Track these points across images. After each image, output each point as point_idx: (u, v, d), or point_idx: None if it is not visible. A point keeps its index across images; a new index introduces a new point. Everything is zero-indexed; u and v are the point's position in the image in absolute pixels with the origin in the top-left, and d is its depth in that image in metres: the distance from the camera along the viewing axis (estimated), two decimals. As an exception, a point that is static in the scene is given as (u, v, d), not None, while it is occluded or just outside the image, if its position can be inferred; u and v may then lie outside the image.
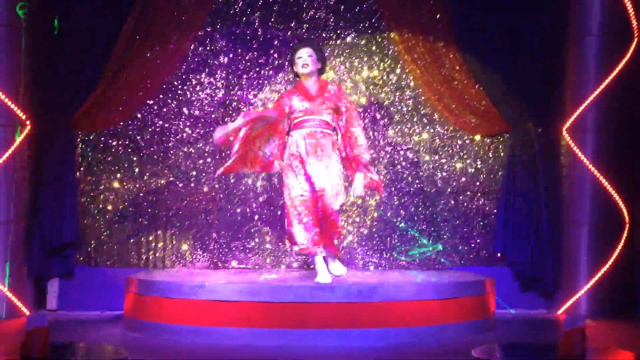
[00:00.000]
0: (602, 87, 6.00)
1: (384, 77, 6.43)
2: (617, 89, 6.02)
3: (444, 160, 6.43)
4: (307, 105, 5.28)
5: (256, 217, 6.31)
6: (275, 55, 6.36)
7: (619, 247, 6.02)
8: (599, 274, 5.99)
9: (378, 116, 6.43)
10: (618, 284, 6.05)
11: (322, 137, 5.27)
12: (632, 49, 6.02)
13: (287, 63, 6.32)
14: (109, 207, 6.19)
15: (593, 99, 6.02)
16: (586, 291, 6.01)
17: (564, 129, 6.13)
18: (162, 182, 6.25)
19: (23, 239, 5.76)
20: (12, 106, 5.64)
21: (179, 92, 6.29)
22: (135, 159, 6.23)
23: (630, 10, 6.01)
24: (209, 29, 6.29)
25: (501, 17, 6.10)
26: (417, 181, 6.42)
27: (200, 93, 6.32)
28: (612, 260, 6.01)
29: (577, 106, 6.07)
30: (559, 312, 6.08)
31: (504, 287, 6.09)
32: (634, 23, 6.02)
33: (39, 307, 5.94)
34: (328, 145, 5.27)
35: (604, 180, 6.02)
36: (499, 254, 6.28)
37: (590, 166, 6.04)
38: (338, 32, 6.38)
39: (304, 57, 5.33)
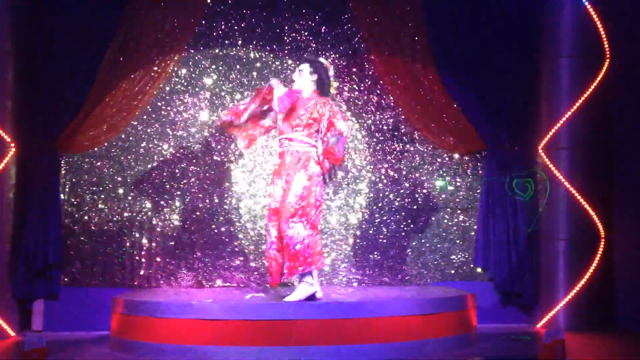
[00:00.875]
0: (576, 106, 6.17)
1: (365, 98, 6.56)
2: (590, 107, 6.18)
3: (424, 178, 6.56)
4: (279, 124, 5.40)
5: (240, 235, 6.38)
6: (258, 76, 6.46)
7: (596, 261, 6.15)
8: (577, 288, 6.11)
9: (359, 135, 6.54)
10: (595, 297, 6.17)
11: (289, 155, 5.28)
12: (604, 69, 6.21)
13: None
14: (94, 228, 6.22)
15: (567, 118, 6.18)
16: (564, 305, 6.13)
17: (539, 147, 6.28)
18: (147, 202, 6.30)
19: (8, 260, 5.77)
20: (-3, 128, 5.67)
21: (163, 112, 6.37)
22: (119, 179, 6.28)
23: (602, 32, 6.20)
24: (192, 51, 6.39)
25: (477, 39, 6.27)
26: (398, 198, 6.53)
27: (184, 114, 6.40)
28: (589, 274, 6.13)
29: (552, 125, 6.23)
30: (539, 325, 6.19)
31: (485, 302, 6.20)
32: (606, 44, 6.21)
33: (24, 328, 5.93)
34: (293, 162, 5.26)
35: (578, 196, 6.17)
36: (479, 269, 6.40)
37: (565, 182, 6.19)
38: (319, 53, 6.49)
39: (295, 72, 5.48)
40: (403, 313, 5.10)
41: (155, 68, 6.12)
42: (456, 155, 6.57)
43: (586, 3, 6.17)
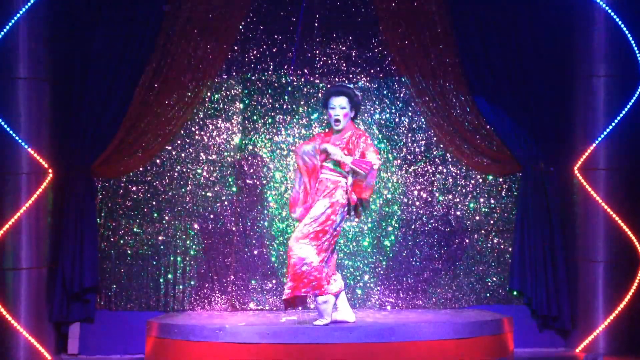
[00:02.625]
0: (611, 126, 6.10)
1: (396, 120, 6.56)
2: (627, 127, 6.10)
3: (458, 200, 6.51)
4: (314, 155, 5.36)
5: (273, 258, 6.39)
6: (289, 100, 6.51)
7: (635, 283, 6.03)
8: (616, 312, 5.99)
9: (391, 157, 6.53)
10: (635, 321, 6.04)
11: (319, 184, 5.27)
12: (639, 89, 6.13)
13: (300, 108, 6.49)
14: (129, 252, 6.29)
15: (603, 138, 6.11)
16: (604, 329, 6.00)
17: (575, 168, 6.20)
18: (181, 225, 6.36)
19: (45, 284, 5.86)
20: (35, 155, 5.79)
21: (197, 137, 6.44)
22: (154, 203, 6.35)
23: (637, 51, 6.13)
24: (224, 76, 6.46)
25: (510, 60, 6.23)
26: (431, 221, 6.49)
27: (217, 138, 6.46)
28: (628, 296, 6.01)
29: (588, 145, 6.15)
30: (578, 350, 6.07)
31: (522, 326, 6.10)
32: (641, 63, 6.14)
33: (60, 351, 6.00)
34: (320, 190, 5.24)
35: (617, 218, 6.06)
36: (515, 292, 6.31)
37: (603, 204, 6.09)
38: (350, 76, 6.53)
39: (337, 109, 5.28)
40: (437, 337, 5.06)
41: (189, 93, 6.21)
42: (490, 177, 6.52)
43: (620, 22, 6.11)
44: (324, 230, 5.14)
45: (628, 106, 6.10)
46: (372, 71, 6.55)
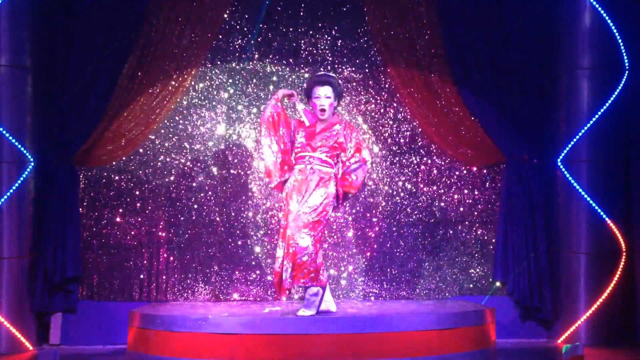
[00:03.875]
0: (595, 118, 6.12)
1: (381, 111, 6.55)
2: (610, 120, 6.13)
3: (442, 191, 6.52)
4: (303, 141, 5.31)
5: (257, 249, 6.38)
6: (274, 90, 6.47)
7: (617, 275, 6.08)
8: (598, 303, 6.04)
9: (376, 148, 6.53)
10: (617, 312, 6.10)
11: (312, 174, 5.24)
12: (623, 81, 6.16)
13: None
14: (112, 242, 6.25)
15: (586, 131, 6.13)
16: (586, 319, 6.05)
17: (558, 159, 6.23)
18: (164, 216, 6.32)
19: (26, 274, 5.82)
20: (17, 144, 5.74)
21: (181, 126, 6.40)
22: (137, 193, 6.32)
23: (621, 44, 6.15)
24: (209, 65, 6.42)
25: (495, 52, 6.24)
26: (415, 212, 6.50)
27: (201, 127, 6.43)
28: (610, 288, 6.06)
29: (571, 137, 6.18)
30: (560, 340, 6.11)
31: (505, 317, 6.14)
32: (625, 56, 6.16)
33: (42, 341, 5.96)
34: (314, 181, 5.22)
35: (599, 210, 6.10)
36: (498, 283, 6.34)
37: (586, 196, 6.12)
38: (335, 66, 6.51)
39: (322, 99, 5.30)
40: (420, 328, 5.07)
41: (173, 82, 6.17)
42: (474, 168, 6.53)
43: (604, 15, 6.13)
44: (320, 220, 5.19)
45: (611, 99, 6.13)
46: (357, 61, 6.53)
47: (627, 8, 6.16)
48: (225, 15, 6.37)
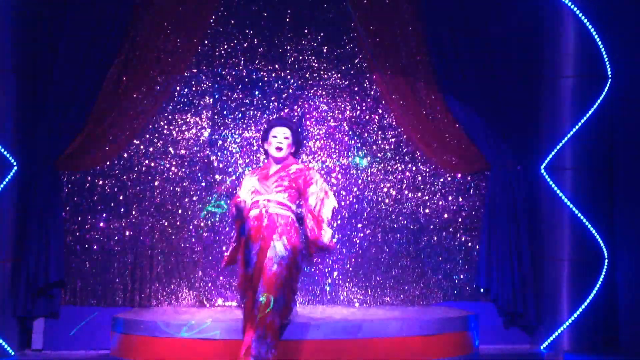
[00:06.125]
0: (578, 126, 6.17)
1: (367, 117, 6.57)
2: (593, 127, 6.18)
3: (427, 198, 6.54)
4: (257, 185, 4.87)
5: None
6: (260, 96, 6.49)
7: (599, 282, 6.12)
8: (580, 309, 6.08)
9: (361, 154, 6.55)
10: (599, 318, 6.14)
11: (268, 217, 4.74)
12: (605, 89, 6.22)
13: (271, 104, 6.48)
14: (95, 247, 6.22)
15: (569, 138, 6.18)
16: (568, 326, 6.09)
17: (542, 167, 6.28)
18: (148, 221, 6.30)
19: (9, 278, 5.77)
20: None
21: (165, 131, 6.39)
22: (121, 198, 6.29)
23: (604, 52, 6.22)
24: (194, 70, 6.42)
25: (479, 60, 6.27)
26: (400, 218, 6.52)
27: (186, 133, 6.41)
28: (592, 295, 6.10)
29: (555, 145, 6.22)
30: (542, 346, 6.15)
31: (488, 323, 6.16)
32: (607, 65, 6.22)
33: (24, 346, 5.91)
34: (271, 227, 4.72)
35: (582, 217, 6.15)
36: (482, 290, 6.37)
37: (569, 203, 6.17)
38: (321, 73, 6.53)
39: (280, 137, 4.94)
40: (405, 334, 5.10)
41: (158, 87, 6.15)
42: (459, 175, 6.56)
43: (587, 23, 6.19)
44: (292, 275, 4.83)
45: (594, 106, 6.19)
46: (343, 68, 6.55)
47: (610, 16, 6.23)
48: (211, 21, 6.38)
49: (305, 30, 6.53)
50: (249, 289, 4.71)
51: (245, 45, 6.48)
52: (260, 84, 6.50)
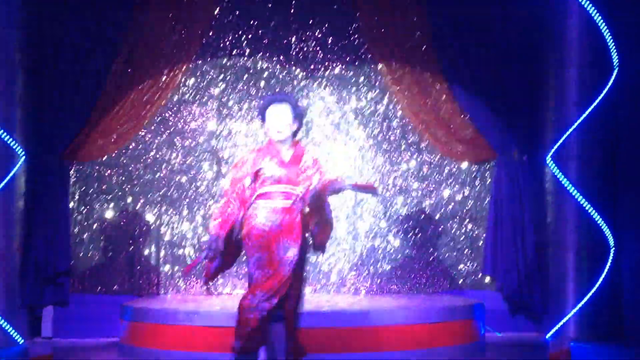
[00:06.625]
0: (583, 116, 6.16)
1: (372, 107, 6.58)
2: (599, 117, 6.16)
3: (432, 187, 6.56)
4: (281, 172, 4.25)
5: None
6: (265, 86, 6.50)
7: (605, 271, 6.13)
8: (586, 298, 6.08)
9: (366, 145, 6.56)
10: (605, 307, 6.13)
11: (291, 214, 4.22)
12: (612, 78, 6.21)
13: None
14: (102, 236, 6.25)
15: (575, 128, 6.18)
16: (574, 314, 6.10)
17: (548, 156, 6.28)
18: (155, 210, 6.33)
19: (18, 267, 5.81)
20: (7, 138, 5.72)
21: (171, 122, 6.41)
22: (128, 188, 6.32)
23: (610, 42, 6.20)
24: (199, 61, 6.43)
25: (484, 49, 6.28)
26: (406, 207, 6.53)
27: (191, 123, 6.43)
28: (598, 284, 6.09)
29: (561, 134, 6.22)
30: (548, 335, 6.16)
31: (494, 311, 6.18)
32: (614, 55, 6.21)
33: (34, 335, 5.96)
34: (295, 225, 4.22)
35: (588, 206, 6.15)
36: (488, 279, 6.38)
37: (575, 192, 6.17)
38: (326, 64, 6.54)
39: (278, 120, 4.30)
40: (411, 322, 5.11)
41: (163, 78, 6.17)
42: (464, 165, 6.57)
43: (594, 12, 6.18)
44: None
45: (601, 96, 6.17)
46: (348, 58, 6.56)
47: (617, 5, 6.21)
48: (216, 12, 6.38)
49: (310, 21, 6.53)
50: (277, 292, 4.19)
51: (250, 36, 6.49)
52: (265, 74, 6.51)
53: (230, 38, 6.47)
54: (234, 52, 6.47)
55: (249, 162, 4.32)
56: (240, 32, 6.49)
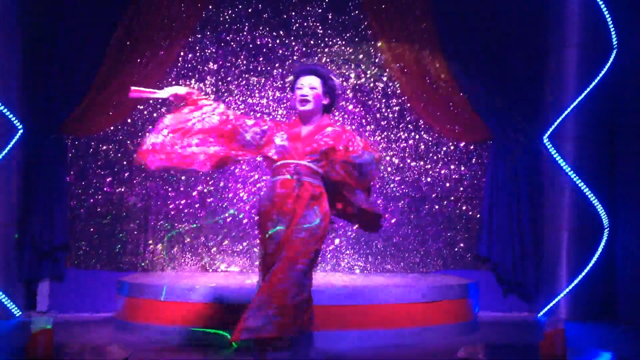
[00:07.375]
0: (581, 96, 6.16)
1: (371, 85, 6.56)
2: (597, 98, 6.17)
3: (429, 166, 6.57)
4: (285, 145, 4.03)
5: (245, 220, 6.42)
6: (264, 62, 6.47)
7: (599, 251, 6.17)
8: (579, 278, 6.13)
9: (364, 122, 6.55)
10: (598, 287, 6.19)
11: (299, 188, 3.96)
12: (610, 59, 6.19)
13: (275, 71, 6.46)
14: (99, 211, 6.26)
15: (573, 108, 6.18)
16: (567, 294, 6.15)
17: (545, 136, 6.28)
18: (152, 186, 6.33)
19: (14, 241, 5.83)
20: (5, 110, 5.71)
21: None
22: (125, 163, 6.32)
23: (609, 22, 6.18)
24: (198, 36, 6.39)
25: (484, 28, 6.25)
26: (402, 186, 6.55)
27: (190, 98, 6.40)
28: (591, 264, 6.15)
29: (558, 115, 6.22)
30: (541, 314, 6.22)
31: (488, 290, 6.23)
32: (613, 34, 6.18)
33: (29, 308, 5.99)
34: (304, 198, 3.95)
35: (583, 187, 6.17)
36: (482, 258, 6.42)
37: (571, 173, 6.19)
38: (326, 40, 6.50)
39: (305, 88, 4.04)
40: (405, 300, 5.14)
41: (162, 52, 6.14)
42: (461, 144, 6.57)
43: (593, -8, 6.15)
44: (319, 249, 4.12)
45: (599, 77, 6.16)
46: (347, 35, 6.53)
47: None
48: (216, -14, 6.35)
49: (310, -3, 6.49)
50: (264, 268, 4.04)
51: (249, 10, 6.44)
52: (264, 50, 6.48)
53: (229, 12, 6.43)
54: (234, 27, 6.43)
55: (270, 121, 4.14)
56: (239, 7, 6.44)
